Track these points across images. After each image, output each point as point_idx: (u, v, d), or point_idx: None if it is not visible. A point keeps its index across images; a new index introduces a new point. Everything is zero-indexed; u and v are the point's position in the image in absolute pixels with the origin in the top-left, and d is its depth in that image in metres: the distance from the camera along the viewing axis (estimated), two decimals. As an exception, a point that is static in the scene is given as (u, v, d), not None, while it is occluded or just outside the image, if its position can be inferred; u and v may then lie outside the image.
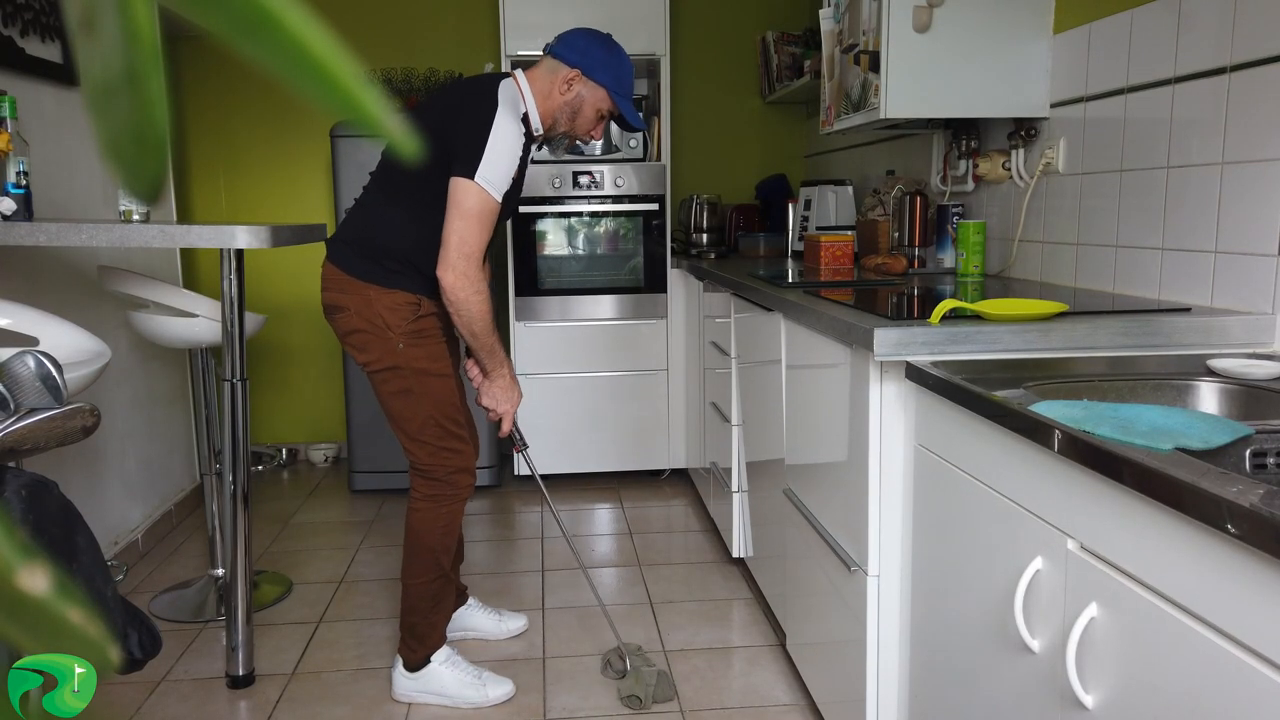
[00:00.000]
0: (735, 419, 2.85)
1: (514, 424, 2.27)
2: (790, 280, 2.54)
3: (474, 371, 2.25)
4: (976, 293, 2.14)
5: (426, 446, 2.12)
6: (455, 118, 2.01)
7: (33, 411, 1.31)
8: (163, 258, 3.51)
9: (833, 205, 3.38)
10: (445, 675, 2.20)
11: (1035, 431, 1.16)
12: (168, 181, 3.55)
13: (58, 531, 1.29)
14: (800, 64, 3.89)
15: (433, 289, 2.05)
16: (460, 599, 2.51)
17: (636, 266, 3.75)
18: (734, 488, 2.86)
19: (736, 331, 2.81)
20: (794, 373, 2.18)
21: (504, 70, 3.12)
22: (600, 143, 2.28)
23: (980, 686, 1.38)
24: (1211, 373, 1.42)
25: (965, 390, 1.34)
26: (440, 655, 2.22)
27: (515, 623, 2.57)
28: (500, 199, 2.00)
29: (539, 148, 2.23)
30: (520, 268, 3.70)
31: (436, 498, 2.14)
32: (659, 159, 3.75)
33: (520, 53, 3.53)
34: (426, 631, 2.20)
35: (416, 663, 2.20)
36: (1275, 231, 1.57)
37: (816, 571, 2.02)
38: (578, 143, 2.26)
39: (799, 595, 2.20)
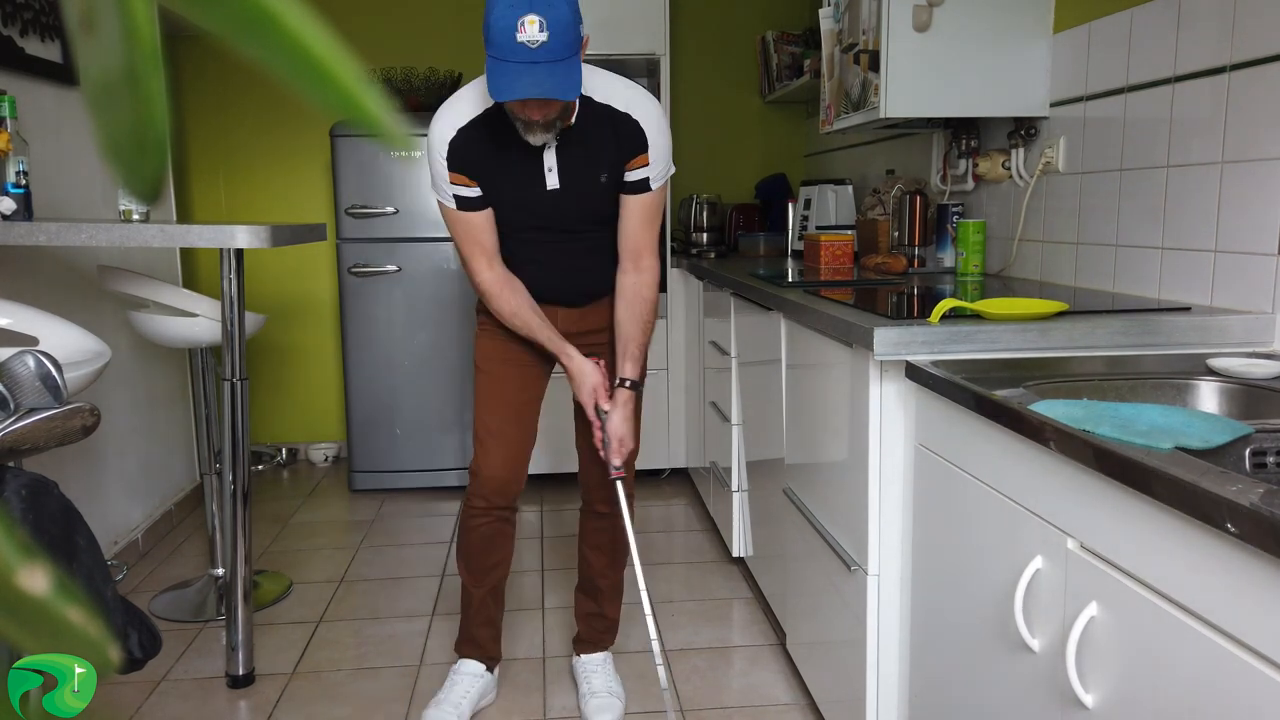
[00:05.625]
0: (735, 418, 2.85)
1: (602, 430, 2.07)
2: (790, 280, 2.54)
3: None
4: (976, 292, 2.14)
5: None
6: None
7: (33, 411, 1.31)
8: (163, 257, 3.51)
9: (832, 205, 3.38)
10: (450, 679, 2.15)
11: (1035, 431, 1.16)
12: (167, 181, 3.55)
13: (58, 531, 1.29)
14: (800, 63, 3.88)
15: None
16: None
17: (636, 266, 3.74)
18: (734, 487, 2.86)
19: (736, 331, 2.81)
20: (794, 372, 2.18)
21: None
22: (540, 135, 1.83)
23: (980, 686, 1.38)
24: (1211, 372, 1.42)
25: (965, 390, 1.34)
26: (458, 665, 2.17)
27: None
28: (453, 203, 1.89)
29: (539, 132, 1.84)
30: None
31: (467, 494, 2.13)
32: (659, 158, 3.74)
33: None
34: (462, 623, 2.20)
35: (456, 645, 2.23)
36: (1275, 231, 1.57)
37: (816, 571, 2.02)
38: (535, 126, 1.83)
39: (799, 595, 2.20)
